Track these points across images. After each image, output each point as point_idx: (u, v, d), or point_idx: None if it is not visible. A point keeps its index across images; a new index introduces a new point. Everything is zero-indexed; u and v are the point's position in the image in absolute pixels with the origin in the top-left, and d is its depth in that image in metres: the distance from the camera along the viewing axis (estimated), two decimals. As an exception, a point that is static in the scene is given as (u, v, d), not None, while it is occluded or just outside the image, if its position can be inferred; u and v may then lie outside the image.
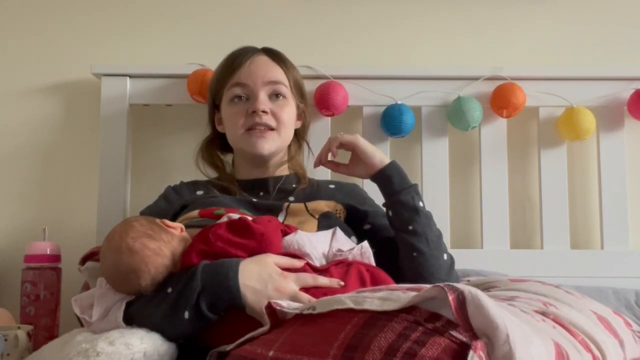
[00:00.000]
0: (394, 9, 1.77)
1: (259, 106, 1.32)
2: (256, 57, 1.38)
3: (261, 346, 0.70)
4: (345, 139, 1.27)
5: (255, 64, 1.36)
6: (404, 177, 1.26)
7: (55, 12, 1.77)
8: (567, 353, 0.69)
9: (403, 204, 1.23)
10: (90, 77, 1.67)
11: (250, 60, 1.36)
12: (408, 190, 1.24)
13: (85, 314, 1.02)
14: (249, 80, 1.34)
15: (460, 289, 0.62)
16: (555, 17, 1.78)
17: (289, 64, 1.41)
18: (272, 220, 1.11)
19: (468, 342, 0.60)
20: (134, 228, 1.03)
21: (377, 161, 1.26)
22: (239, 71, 1.35)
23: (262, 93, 1.34)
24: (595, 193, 1.68)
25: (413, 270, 1.21)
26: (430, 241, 1.21)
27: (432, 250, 1.21)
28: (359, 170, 1.30)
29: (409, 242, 1.22)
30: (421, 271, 1.20)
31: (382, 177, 1.26)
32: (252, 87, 1.34)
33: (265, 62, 1.38)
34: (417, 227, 1.21)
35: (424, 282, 1.17)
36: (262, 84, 1.34)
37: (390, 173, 1.25)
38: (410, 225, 1.22)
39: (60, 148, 1.73)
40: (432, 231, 1.23)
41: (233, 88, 1.35)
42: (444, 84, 1.65)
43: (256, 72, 1.35)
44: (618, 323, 0.91)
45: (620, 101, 1.66)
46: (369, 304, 0.67)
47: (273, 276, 0.99)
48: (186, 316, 0.95)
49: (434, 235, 1.23)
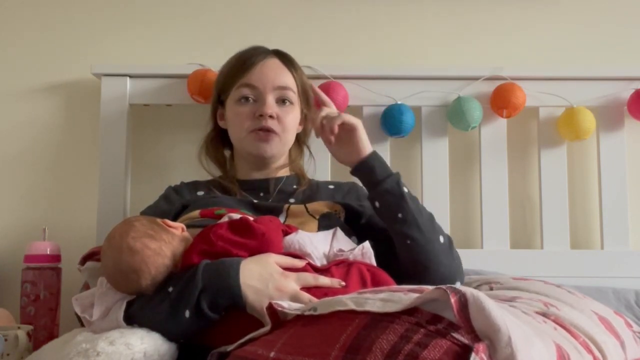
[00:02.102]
0: (394, 9, 1.77)
1: (267, 110, 1.32)
2: (268, 59, 1.37)
3: (262, 347, 0.70)
4: (348, 120, 1.24)
5: (267, 67, 1.36)
6: (386, 166, 1.24)
7: (55, 12, 1.76)
8: (568, 354, 0.69)
9: (389, 192, 1.20)
10: (90, 77, 1.67)
11: (262, 62, 1.35)
12: (392, 178, 1.21)
13: (85, 313, 1.02)
14: (259, 83, 1.34)
15: (462, 291, 0.62)
16: (555, 17, 1.78)
17: (299, 68, 1.41)
18: (273, 220, 1.12)
19: (470, 344, 0.60)
20: (134, 228, 1.03)
21: (364, 150, 1.24)
22: (250, 72, 1.34)
23: (270, 97, 1.33)
24: (595, 193, 1.68)
25: (411, 259, 1.19)
26: (422, 226, 1.18)
27: (426, 235, 1.18)
28: (343, 154, 1.27)
29: (400, 231, 1.19)
30: (419, 258, 1.18)
31: (365, 166, 1.23)
32: (261, 90, 1.34)
33: (277, 65, 1.37)
34: (407, 214, 1.18)
35: (424, 269, 1.17)
36: (271, 88, 1.34)
37: (373, 163, 1.23)
38: (399, 213, 1.18)
39: (60, 148, 1.73)
40: (422, 215, 1.20)
41: (242, 88, 1.35)
42: (444, 84, 1.65)
43: (267, 76, 1.34)
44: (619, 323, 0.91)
45: (620, 101, 1.66)
46: (370, 305, 0.67)
47: (274, 275, 0.99)
48: (187, 315, 0.95)
49: (425, 219, 1.20)
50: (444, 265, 1.18)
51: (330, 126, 1.24)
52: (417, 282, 1.18)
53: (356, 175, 1.26)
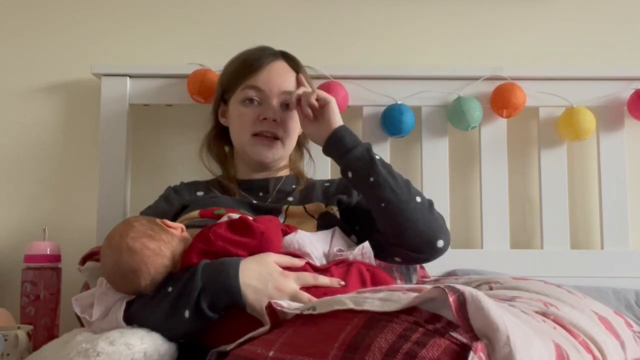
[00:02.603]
0: (394, 9, 1.77)
1: (271, 115, 1.32)
2: (275, 62, 1.37)
3: (261, 346, 0.70)
4: (321, 94, 1.26)
5: (274, 70, 1.35)
6: (356, 137, 1.24)
7: (55, 12, 1.76)
8: (568, 354, 0.69)
9: (359, 159, 1.19)
10: (90, 77, 1.67)
11: (269, 65, 1.35)
12: (362, 146, 1.21)
13: (85, 313, 1.02)
14: (265, 87, 1.33)
15: (461, 290, 0.62)
16: (555, 17, 1.78)
17: (304, 71, 1.41)
18: (273, 220, 1.12)
19: (468, 343, 0.60)
20: (134, 228, 1.03)
21: (334, 123, 1.24)
22: (257, 75, 1.34)
23: (275, 101, 1.33)
24: (595, 193, 1.68)
25: (388, 221, 1.17)
26: (395, 187, 1.16)
27: (401, 196, 1.16)
28: (315, 130, 1.27)
29: (374, 195, 1.18)
30: (395, 219, 1.16)
31: (334, 137, 1.23)
32: (267, 93, 1.33)
33: (284, 69, 1.37)
34: (378, 177, 1.17)
35: (401, 229, 1.16)
36: (277, 92, 1.34)
37: (342, 133, 1.23)
38: (370, 177, 1.17)
39: (60, 148, 1.73)
40: (395, 178, 1.18)
41: (248, 90, 1.34)
42: (444, 84, 1.65)
43: (274, 80, 1.34)
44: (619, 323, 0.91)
45: (620, 101, 1.66)
46: (369, 304, 0.67)
47: (273, 275, 0.99)
48: (187, 315, 0.96)
49: (398, 182, 1.18)
50: (422, 223, 1.16)
51: (308, 100, 1.25)
52: (398, 246, 1.18)
53: (328, 150, 1.25)
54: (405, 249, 1.18)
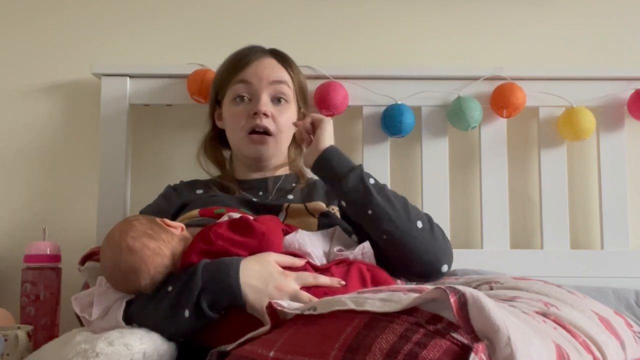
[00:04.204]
0: (394, 9, 1.77)
1: (261, 108, 1.32)
2: (263, 58, 1.38)
3: (262, 346, 0.70)
4: (315, 116, 1.24)
5: (262, 65, 1.36)
6: (345, 160, 1.17)
7: (55, 12, 1.76)
8: (568, 354, 0.69)
9: (352, 190, 1.14)
10: (90, 77, 1.67)
11: (257, 60, 1.36)
12: (354, 173, 1.15)
13: (85, 312, 1.02)
14: (253, 79, 1.34)
15: (462, 291, 0.62)
16: (555, 17, 1.78)
17: (295, 67, 1.42)
18: (273, 220, 1.12)
19: (469, 344, 0.60)
20: (134, 227, 1.03)
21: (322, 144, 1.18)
22: (245, 70, 1.35)
23: (265, 94, 1.34)
24: (595, 193, 1.68)
25: (392, 253, 1.15)
26: (395, 219, 1.13)
27: (401, 228, 1.13)
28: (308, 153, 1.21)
29: (373, 226, 1.14)
30: (399, 251, 1.14)
31: (321, 159, 1.17)
32: (256, 86, 1.34)
33: (272, 64, 1.38)
34: (376, 209, 1.13)
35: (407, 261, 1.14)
36: (266, 84, 1.34)
37: (330, 156, 1.17)
38: (368, 210, 1.13)
39: (60, 148, 1.73)
40: (392, 205, 1.14)
41: (237, 85, 1.35)
42: (444, 84, 1.65)
43: (261, 72, 1.35)
44: (619, 324, 0.91)
45: (620, 101, 1.66)
46: (370, 305, 0.67)
47: (274, 275, 0.99)
48: (187, 315, 0.96)
49: (396, 208, 1.14)
50: (425, 252, 1.15)
51: (305, 126, 1.24)
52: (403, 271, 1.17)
53: (315, 172, 1.21)
54: (410, 274, 1.19)
